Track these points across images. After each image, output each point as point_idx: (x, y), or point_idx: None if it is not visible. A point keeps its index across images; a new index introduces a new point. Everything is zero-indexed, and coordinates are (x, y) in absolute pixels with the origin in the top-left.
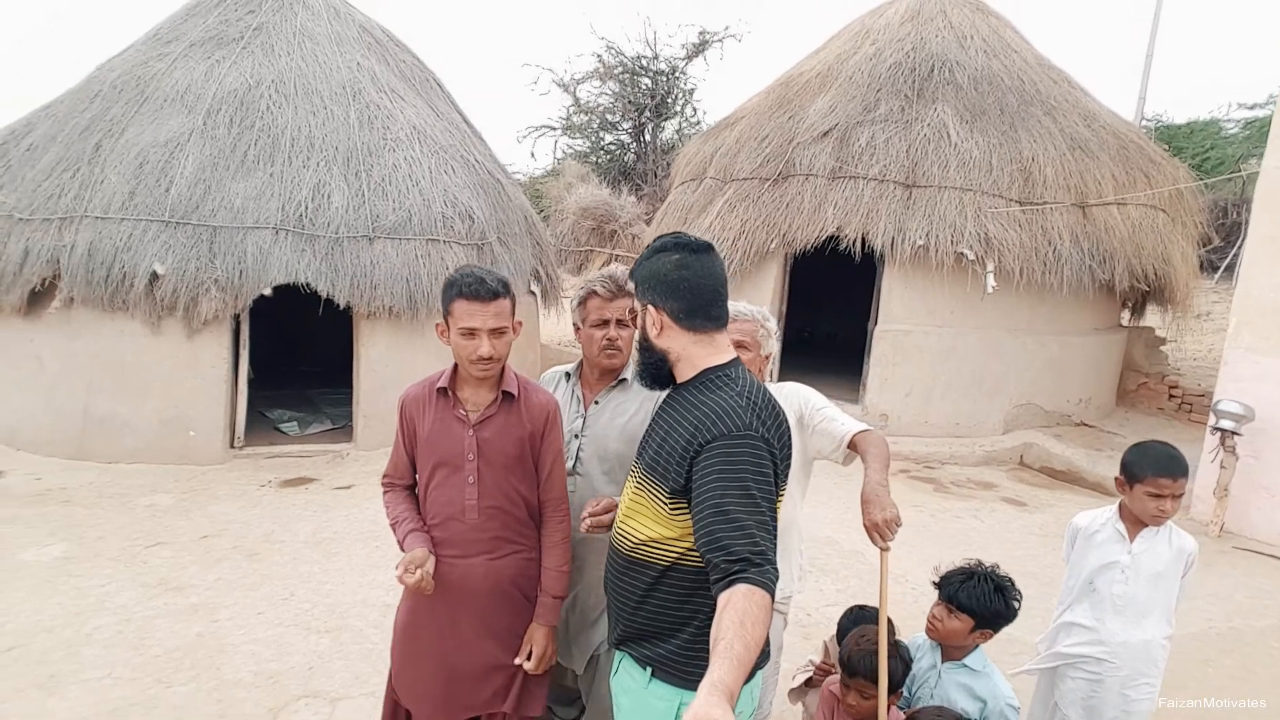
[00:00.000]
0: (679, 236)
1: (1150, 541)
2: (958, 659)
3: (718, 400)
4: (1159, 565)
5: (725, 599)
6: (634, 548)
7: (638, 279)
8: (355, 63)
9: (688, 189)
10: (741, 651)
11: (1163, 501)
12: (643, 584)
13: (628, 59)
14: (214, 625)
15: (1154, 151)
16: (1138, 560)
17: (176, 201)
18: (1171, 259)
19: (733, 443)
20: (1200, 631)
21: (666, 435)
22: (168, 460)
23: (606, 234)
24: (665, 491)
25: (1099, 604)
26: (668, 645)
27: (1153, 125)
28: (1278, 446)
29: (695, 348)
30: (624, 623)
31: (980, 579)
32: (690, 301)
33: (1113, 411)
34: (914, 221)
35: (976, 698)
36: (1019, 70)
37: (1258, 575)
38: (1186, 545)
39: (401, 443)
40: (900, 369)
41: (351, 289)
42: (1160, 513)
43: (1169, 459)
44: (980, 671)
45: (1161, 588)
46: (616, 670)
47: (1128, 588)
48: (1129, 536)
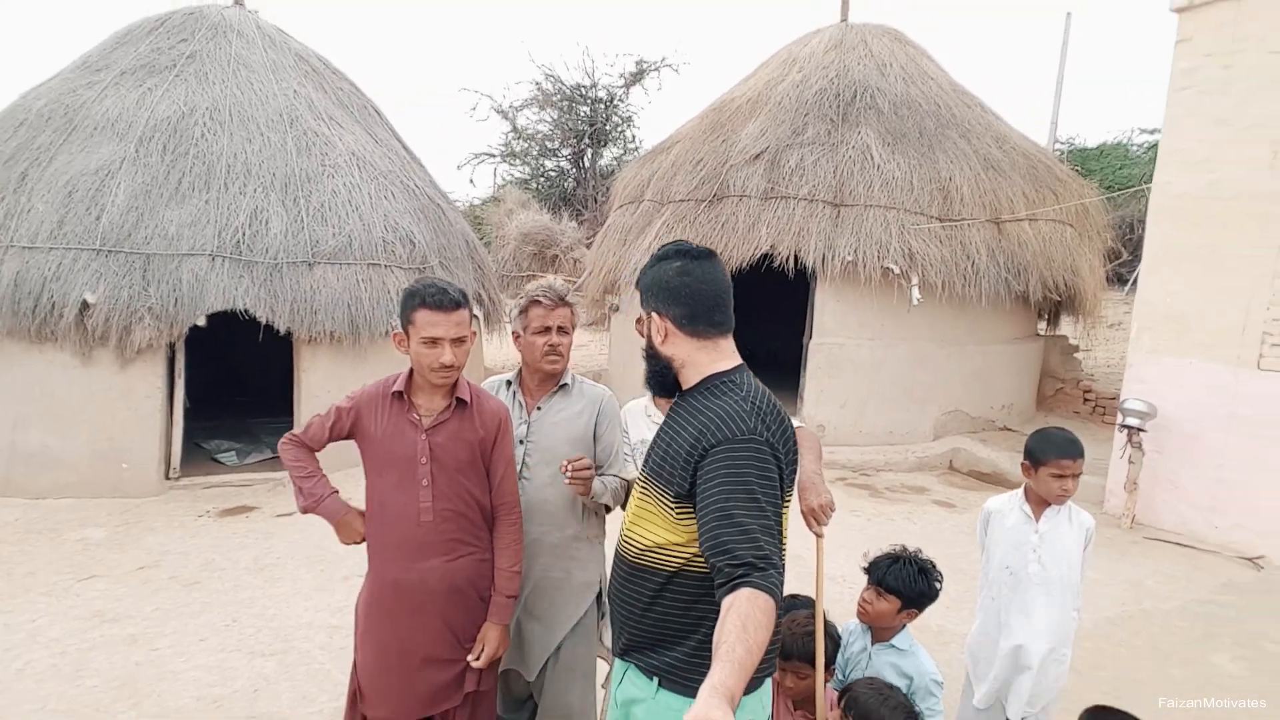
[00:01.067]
0: (680, 244)
1: (1054, 521)
2: (886, 640)
3: (722, 405)
4: (1064, 541)
5: (728, 603)
6: (639, 554)
7: (641, 287)
8: (292, 90)
9: (626, 211)
10: (743, 655)
11: (1065, 481)
12: (649, 591)
13: (567, 87)
14: (154, 654)
15: (1060, 170)
16: (1045, 539)
17: (108, 229)
18: (1080, 270)
19: (737, 447)
20: (1115, 615)
21: (671, 441)
22: (100, 493)
23: (548, 259)
24: (670, 496)
25: (1016, 584)
26: (674, 653)
27: (1065, 148)
28: (1180, 442)
29: (699, 354)
30: (630, 631)
31: (905, 562)
32: (692, 307)
33: (1033, 416)
34: (842, 239)
35: (904, 674)
36: (935, 96)
37: (1165, 562)
38: (1086, 521)
39: (333, 424)
40: (835, 381)
41: (292, 314)
42: (1064, 492)
43: (1068, 442)
44: (906, 651)
45: (1068, 562)
46: (621, 680)
47: (1040, 565)
48: (1035, 517)
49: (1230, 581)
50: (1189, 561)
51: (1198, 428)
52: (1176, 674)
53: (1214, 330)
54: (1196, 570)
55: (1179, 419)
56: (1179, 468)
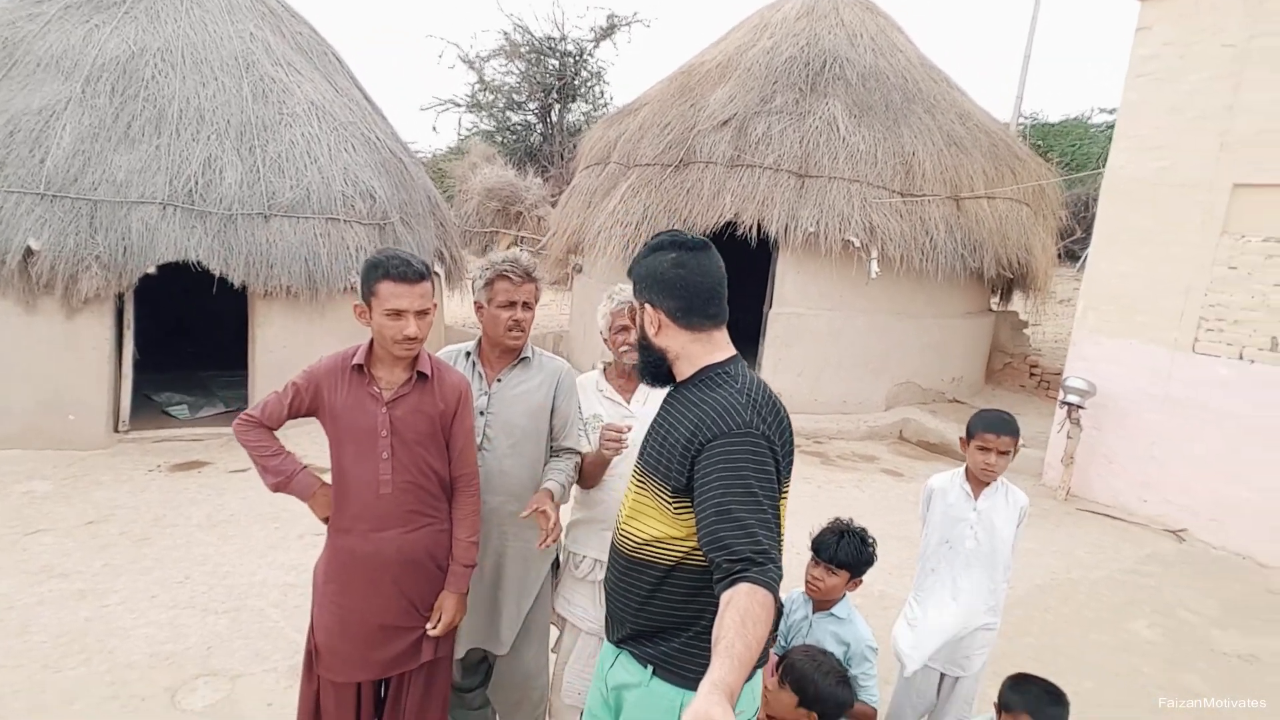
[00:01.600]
0: (676, 235)
1: (992, 499)
2: (827, 609)
3: (718, 398)
4: (999, 519)
5: (727, 598)
6: (637, 548)
7: (635, 277)
8: (248, 33)
9: (592, 173)
10: (742, 650)
11: (988, 455)
12: (647, 584)
13: (536, 39)
14: (103, 610)
15: (1020, 149)
16: (983, 516)
17: (53, 173)
18: (1033, 249)
19: (734, 441)
20: (1045, 583)
21: (668, 434)
22: (46, 445)
23: (512, 215)
24: (668, 490)
25: (954, 558)
26: (672, 644)
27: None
28: (1116, 419)
29: (693, 346)
30: (628, 624)
31: (848, 535)
32: (687, 300)
33: (981, 389)
34: (806, 210)
35: (842, 641)
36: (903, 69)
37: (1095, 533)
38: (1020, 500)
39: (292, 401)
40: (793, 350)
41: (247, 268)
42: (986, 466)
43: (997, 419)
44: (845, 619)
45: (1002, 538)
46: (612, 665)
47: (976, 541)
48: (974, 495)
49: (1154, 553)
50: (1118, 533)
51: (1134, 406)
52: (1098, 639)
53: (1155, 312)
54: (1124, 542)
55: (1117, 397)
56: (1115, 444)
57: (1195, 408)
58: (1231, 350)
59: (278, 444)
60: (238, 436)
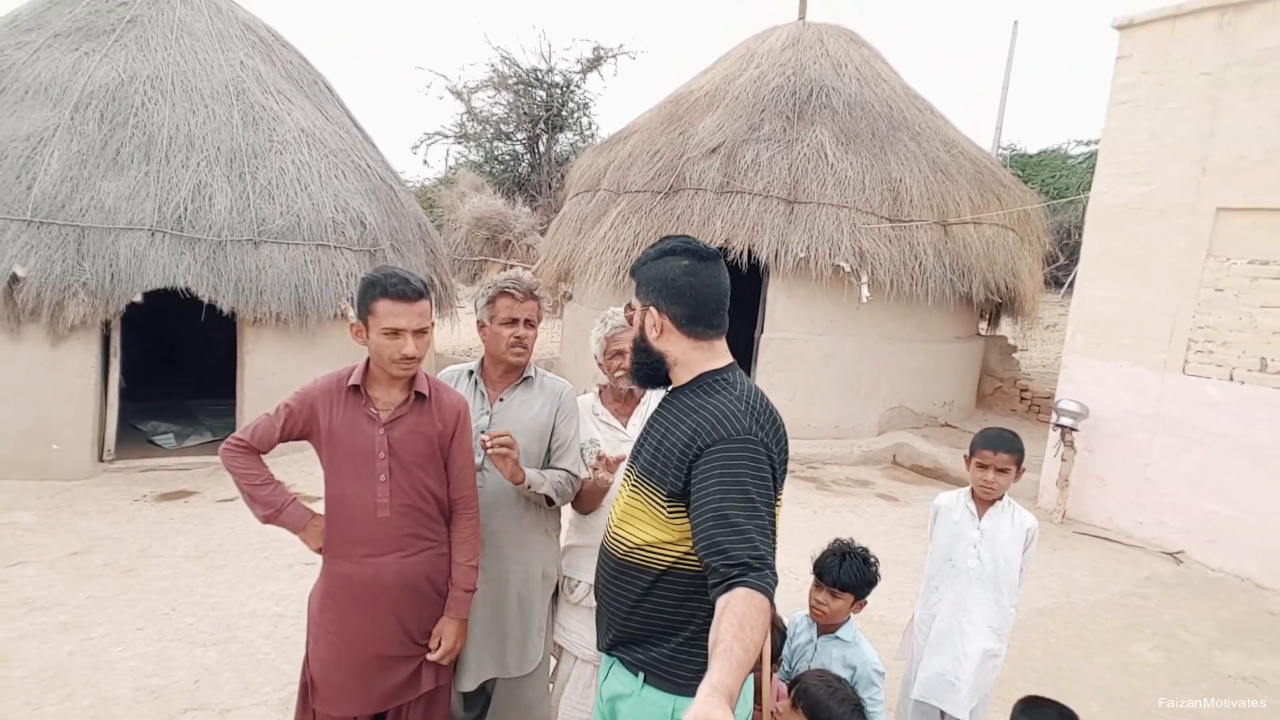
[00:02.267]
0: (689, 241)
1: (997, 518)
2: (832, 632)
3: (716, 404)
4: (1004, 539)
5: (724, 602)
6: (629, 552)
7: (641, 278)
8: (239, 61)
9: (582, 200)
10: (741, 654)
11: (986, 472)
12: (638, 589)
13: (523, 70)
14: (87, 643)
15: (1004, 176)
16: (987, 535)
17: (40, 199)
18: (1020, 273)
19: (732, 447)
20: (1045, 607)
21: (663, 438)
22: (28, 475)
23: (501, 244)
24: (663, 494)
25: (956, 577)
26: (661, 649)
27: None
28: (1108, 441)
29: (694, 353)
30: (617, 628)
31: (850, 557)
32: (694, 309)
33: (973, 413)
34: (795, 235)
35: (848, 665)
36: (888, 98)
37: (1093, 556)
38: (1027, 521)
39: (284, 424)
40: (785, 375)
41: (236, 294)
42: (985, 483)
43: (996, 436)
44: (851, 642)
45: (1006, 559)
46: (606, 676)
47: (979, 561)
48: (978, 514)
49: (1152, 575)
50: (1115, 556)
51: (1125, 428)
52: (1100, 662)
53: (1143, 335)
54: (1122, 564)
55: (1108, 419)
56: (1107, 466)
57: (1186, 429)
58: (1221, 371)
59: (267, 472)
60: (225, 463)
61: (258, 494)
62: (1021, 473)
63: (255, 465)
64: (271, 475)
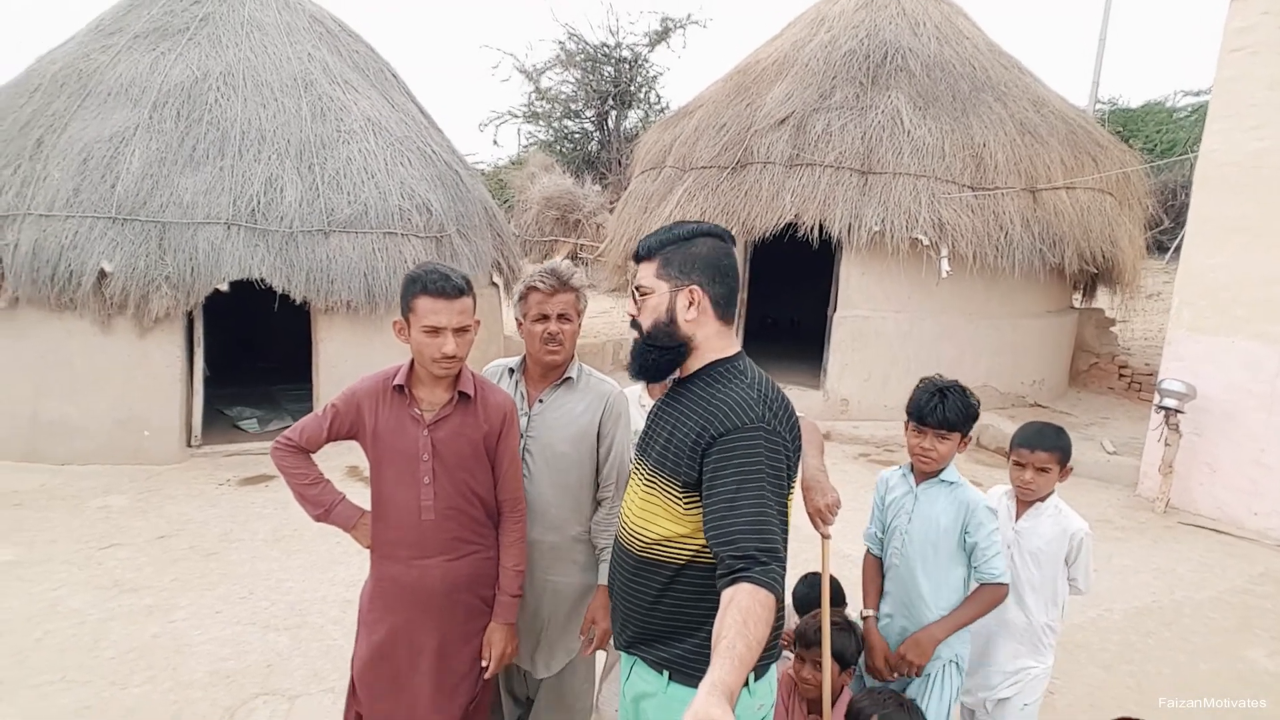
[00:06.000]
0: (713, 226)
1: (1035, 520)
2: (932, 477)
3: (729, 393)
4: (1039, 543)
5: (729, 597)
6: (646, 548)
7: (683, 256)
8: (306, 54)
9: (648, 178)
10: (743, 650)
11: (1024, 471)
12: (656, 585)
13: (590, 46)
14: (170, 625)
15: (1101, 135)
16: (1021, 537)
17: (123, 197)
18: (1119, 241)
19: (745, 436)
20: (1144, 605)
21: (674, 430)
22: (122, 461)
23: (570, 223)
24: (678, 486)
25: None
26: (684, 645)
27: (1107, 109)
28: (1219, 424)
29: (716, 338)
30: (636, 625)
31: (949, 392)
32: (730, 291)
33: (1065, 392)
34: (869, 208)
35: (960, 505)
36: (970, 56)
37: (1200, 549)
38: (1072, 527)
39: (331, 424)
40: (859, 354)
41: (307, 283)
42: (1023, 483)
43: (1035, 432)
44: (957, 483)
45: (1043, 567)
46: (628, 676)
47: (1012, 564)
48: (1015, 515)
49: (1267, 571)
50: (1225, 549)
51: (1238, 408)
52: (1208, 669)
53: (1259, 306)
54: (1232, 558)
55: (1219, 399)
56: (1217, 450)
57: None
58: None
59: (316, 471)
60: (275, 462)
61: (308, 493)
62: (1068, 472)
63: (304, 464)
64: (320, 474)
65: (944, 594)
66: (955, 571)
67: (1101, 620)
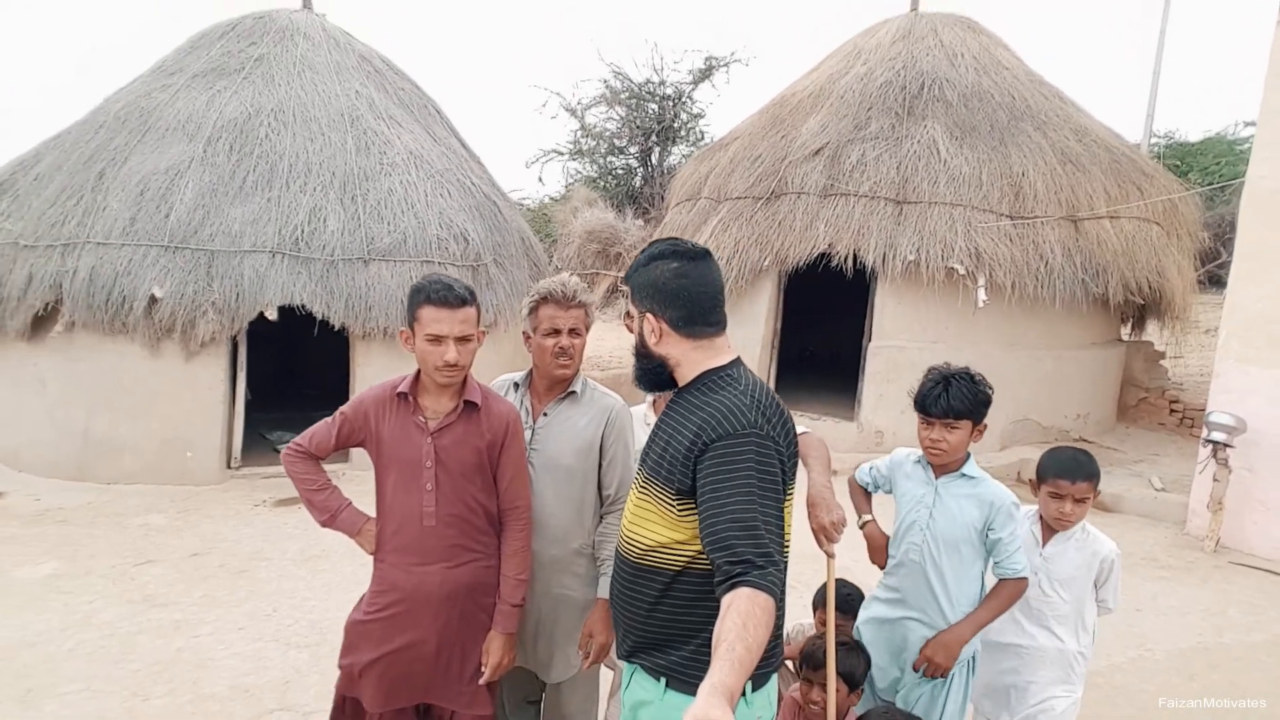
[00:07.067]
0: (676, 243)
1: (1062, 546)
2: (953, 471)
3: (722, 400)
4: (1068, 569)
5: (728, 601)
6: (643, 554)
7: (634, 285)
8: (354, 90)
9: (683, 209)
10: (743, 654)
11: (1062, 503)
12: (653, 591)
13: (635, 84)
14: (195, 640)
15: (1146, 164)
16: (1049, 564)
17: (176, 227)
18: (1166, 272)
19: (737, 442)
20: (1189, 647)
21: (670, 438)
22: (166, 480)
23: (612, 256)
24: (672, 492)
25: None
26: (681, 652)
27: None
28: (1271, 459)
29: (694, 353)
30: (635, 633)
31: (954, 379)
32: (689, 309)
33: (1113, 427)
34: (905, 237)
35: (983, 502)
36: (1009, 86)
37: (1251, 590)
38: (1100, 550)
39: (340, 431)
40: (894, 385)
41: (346, 310)
42: (1060, 514)
43: (1072, 462)
44: (978, 478)
45: (1071, 591)
46: (628, 684)
47: (1041, 592)
48: (1041, 541)
49: None
50: (1279, 590)
51: None
52: (1259, 715)
53: None
54: None
55: (1269, 433)
56: (1272, 487)
57: None
58: None
59: (324, 477)
60: (286, 468)
61: (315, 498)
62: (1097, 495)
63: (313, 470)
64: (328, 480)
65: (964, 590)
66: (975, 567)
67: (1142, 660)
